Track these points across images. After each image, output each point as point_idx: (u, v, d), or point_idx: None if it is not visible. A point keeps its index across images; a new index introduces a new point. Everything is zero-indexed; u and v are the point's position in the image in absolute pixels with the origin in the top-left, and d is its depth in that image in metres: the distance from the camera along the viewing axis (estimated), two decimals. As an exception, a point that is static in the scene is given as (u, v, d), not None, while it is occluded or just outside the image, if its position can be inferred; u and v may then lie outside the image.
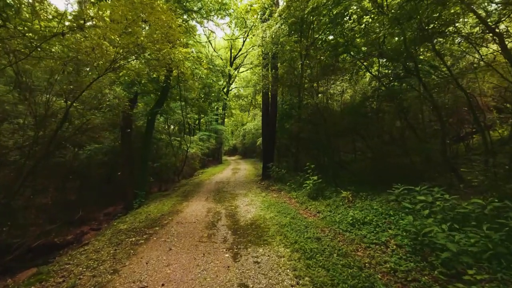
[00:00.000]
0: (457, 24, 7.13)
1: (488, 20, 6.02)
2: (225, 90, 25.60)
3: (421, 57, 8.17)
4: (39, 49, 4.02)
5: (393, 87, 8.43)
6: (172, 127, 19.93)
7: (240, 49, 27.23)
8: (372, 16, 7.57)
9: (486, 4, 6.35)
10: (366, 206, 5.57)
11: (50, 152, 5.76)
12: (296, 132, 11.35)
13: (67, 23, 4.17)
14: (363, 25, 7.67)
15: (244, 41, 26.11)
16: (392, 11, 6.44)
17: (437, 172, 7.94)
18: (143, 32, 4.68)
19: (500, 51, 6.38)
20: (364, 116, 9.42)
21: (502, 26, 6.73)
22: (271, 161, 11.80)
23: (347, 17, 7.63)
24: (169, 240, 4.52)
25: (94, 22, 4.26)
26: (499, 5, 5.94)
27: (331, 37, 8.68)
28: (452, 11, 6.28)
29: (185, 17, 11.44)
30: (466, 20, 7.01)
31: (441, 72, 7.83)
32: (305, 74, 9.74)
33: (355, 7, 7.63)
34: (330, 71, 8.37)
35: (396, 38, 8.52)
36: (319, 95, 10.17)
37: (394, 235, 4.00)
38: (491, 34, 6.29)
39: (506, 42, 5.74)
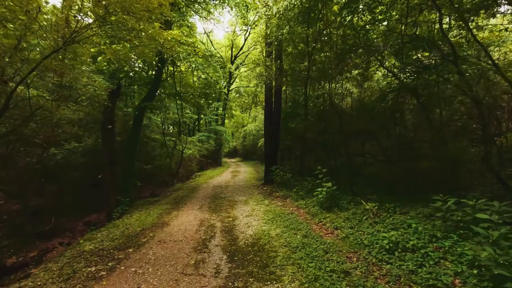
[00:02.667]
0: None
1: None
2: (225, 90, 24.56)
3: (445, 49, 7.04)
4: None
5: (417, 80, 7.26)
6: (171, 128, 18.82)
7: (241, 48, 26.17)
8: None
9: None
10: (399, 223, 4.37)
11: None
12: (302, 132, 10.19)
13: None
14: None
15: (245, 39, 25.08)
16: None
17: (473, 179, 6.75)
18: None
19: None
20: (381, 114, 8.26)
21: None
22: (275, 164, 10.61)
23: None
24: (141, 271, 3.33)
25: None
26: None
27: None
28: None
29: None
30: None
31: (476, 62, 6.65)
32: (314, 66, 8.63)
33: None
34: (347, 58, 7.22)
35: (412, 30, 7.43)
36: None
37: (458, 272, 2.81)
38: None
39: None
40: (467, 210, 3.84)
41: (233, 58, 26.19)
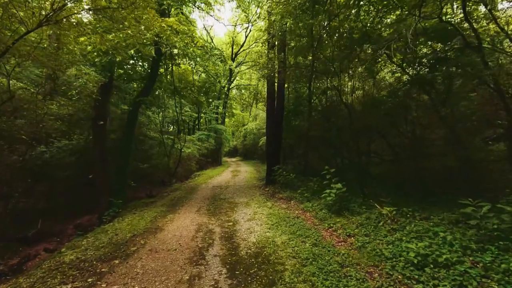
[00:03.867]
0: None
1: None
2: (226, 85, 24.06)
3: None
4: None
5: (433, 72, 6.73)
6: (170, 126, 18.30)
7: (242, 45, 25.61)
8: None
9: None
10: (422, 231, 3.85)
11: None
12: (305, 130, 9.67)
13: None
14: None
15: (246, 36, 24.53)
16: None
17: (494, 179, 6.22)
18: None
19: None
20: (392, 109, 7.74)
21: None
22: (277, 163, 10.10)
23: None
24: (125, 290, 2.82)
25: None
26: None
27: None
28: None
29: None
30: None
31: (500, 50, 6.10)
32: (319, 59, 8.11)
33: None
34: (355, 50, 6.70)
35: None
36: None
37: (512, 297, 2.29)
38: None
39: None
40: (504, 217, 3.33)
41: (233, 55, 25.63)
